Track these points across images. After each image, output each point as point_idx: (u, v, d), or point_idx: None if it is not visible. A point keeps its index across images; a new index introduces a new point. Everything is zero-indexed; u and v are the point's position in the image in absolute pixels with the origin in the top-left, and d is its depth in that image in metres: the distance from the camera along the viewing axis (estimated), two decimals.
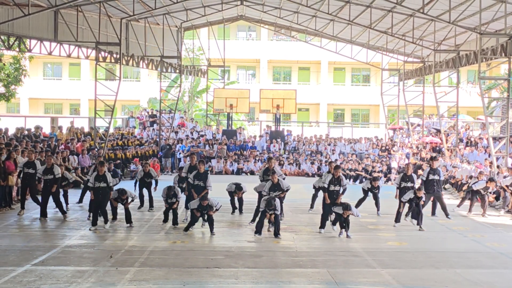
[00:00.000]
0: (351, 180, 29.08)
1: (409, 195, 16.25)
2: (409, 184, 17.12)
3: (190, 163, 17.01)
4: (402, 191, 17.06)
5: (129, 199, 16.16)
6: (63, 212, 17.17)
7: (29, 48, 29.03)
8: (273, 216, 14.85)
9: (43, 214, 16.99)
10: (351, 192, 19.68)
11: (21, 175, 17.88)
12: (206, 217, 15.41)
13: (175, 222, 15.91)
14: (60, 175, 17.34)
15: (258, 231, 14.80)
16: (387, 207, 18.67)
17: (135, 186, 18.94)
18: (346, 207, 14.89)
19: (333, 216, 15.51)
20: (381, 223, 16.70)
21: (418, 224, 16.13)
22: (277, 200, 15.04)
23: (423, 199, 16.64)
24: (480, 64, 25.35)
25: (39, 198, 17.56)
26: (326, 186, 15.44)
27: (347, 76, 58.68)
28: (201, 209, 15.04)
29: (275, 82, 57.94)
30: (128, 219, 15.93)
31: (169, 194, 15.89)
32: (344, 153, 33.44)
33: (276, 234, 14.82)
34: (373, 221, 17.55)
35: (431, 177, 17.93)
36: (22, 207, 17.80)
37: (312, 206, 18.89)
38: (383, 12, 29.48)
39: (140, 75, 57.00)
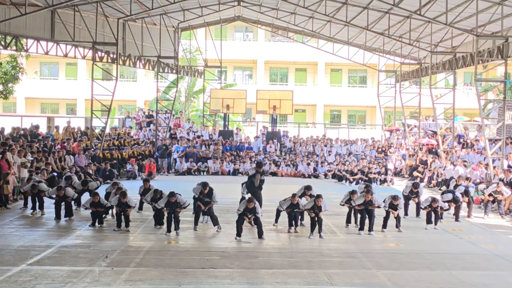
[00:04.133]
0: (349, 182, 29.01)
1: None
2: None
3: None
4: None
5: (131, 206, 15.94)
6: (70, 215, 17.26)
7: (25, 47, 28.99)
8: (252, 217, 15.02)
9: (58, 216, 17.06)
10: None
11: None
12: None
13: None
14: (75, 196, 17.60)
15: (239, 233, 14.81)
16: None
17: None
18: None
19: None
20: (376, 225, 16.71)
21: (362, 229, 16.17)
22: (257, 202, 15.20)
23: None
24: (477, 66, 25.39)
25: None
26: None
27: (343, 77, 58.74)
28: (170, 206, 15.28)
29: (271, 83, 57.98)
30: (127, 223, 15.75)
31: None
32: (340, 154, 33.45)
33: (260, 235, 14.91)
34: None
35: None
36: (34, 208, 17.97)
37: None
38: (380, 14, 29.49)
39: (137, 75, 56.97)
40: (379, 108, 41.69)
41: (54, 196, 17.22)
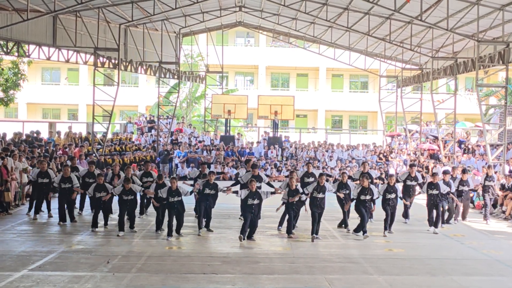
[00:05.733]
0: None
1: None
2: (347, 191, 17.06)
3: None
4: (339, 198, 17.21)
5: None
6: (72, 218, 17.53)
7: (27, 53, 29.07)
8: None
9: (62, 219, 17.17)
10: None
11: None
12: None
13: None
14: (78, 184, 17.75)
15: (244, 230, 15.07)
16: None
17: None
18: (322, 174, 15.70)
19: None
20: (378, 230, 16.71)
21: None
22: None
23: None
24: (478, 71, 25.42)
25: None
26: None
27: (345, 83, 58.74)
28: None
29: (273, 88, 57.98)
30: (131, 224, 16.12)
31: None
32: (342, 160, 33.44)
33: (250, 235, 15.23)
34: (369, 227, 17.55)
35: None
36: (37, 212, 18.01)
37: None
38: (381, 19, 29.56)
39: (138, 81, 57.01)
40: (381, 113, 41.70)
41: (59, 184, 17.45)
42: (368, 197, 15.89)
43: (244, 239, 14.85)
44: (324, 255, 13.80)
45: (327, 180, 15.81)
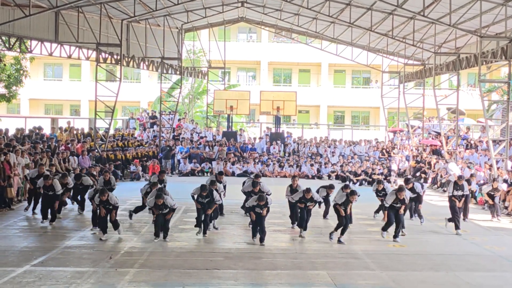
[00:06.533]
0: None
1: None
2: None
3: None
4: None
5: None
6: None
7: (29, 49, 29.01)
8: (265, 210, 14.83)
9: (45, 216, 16.79)
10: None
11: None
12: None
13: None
14: (60, 191, 16.77)
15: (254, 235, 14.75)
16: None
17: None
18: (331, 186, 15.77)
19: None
20: (380, 225, 16.69)
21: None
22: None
23: None
24: (480, 67, 25.35)
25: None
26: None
27: (347, 78, 58.65)
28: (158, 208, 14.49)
29: (275, 84, 57.91)
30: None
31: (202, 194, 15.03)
32: (344, 155, 33.42)
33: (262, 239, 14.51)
34: (372, 223, 17.57)
35: None
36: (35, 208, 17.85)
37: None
38: (383, 15, 29.49)
39: (140, 76, 56.97)
40: (383, 109, 41.65)
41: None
42: (399, 204, 15.43)
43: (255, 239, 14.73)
44: (327, 250, 13.80)
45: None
